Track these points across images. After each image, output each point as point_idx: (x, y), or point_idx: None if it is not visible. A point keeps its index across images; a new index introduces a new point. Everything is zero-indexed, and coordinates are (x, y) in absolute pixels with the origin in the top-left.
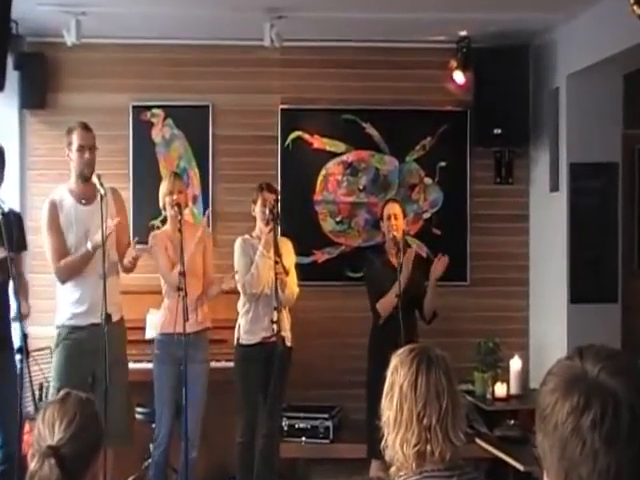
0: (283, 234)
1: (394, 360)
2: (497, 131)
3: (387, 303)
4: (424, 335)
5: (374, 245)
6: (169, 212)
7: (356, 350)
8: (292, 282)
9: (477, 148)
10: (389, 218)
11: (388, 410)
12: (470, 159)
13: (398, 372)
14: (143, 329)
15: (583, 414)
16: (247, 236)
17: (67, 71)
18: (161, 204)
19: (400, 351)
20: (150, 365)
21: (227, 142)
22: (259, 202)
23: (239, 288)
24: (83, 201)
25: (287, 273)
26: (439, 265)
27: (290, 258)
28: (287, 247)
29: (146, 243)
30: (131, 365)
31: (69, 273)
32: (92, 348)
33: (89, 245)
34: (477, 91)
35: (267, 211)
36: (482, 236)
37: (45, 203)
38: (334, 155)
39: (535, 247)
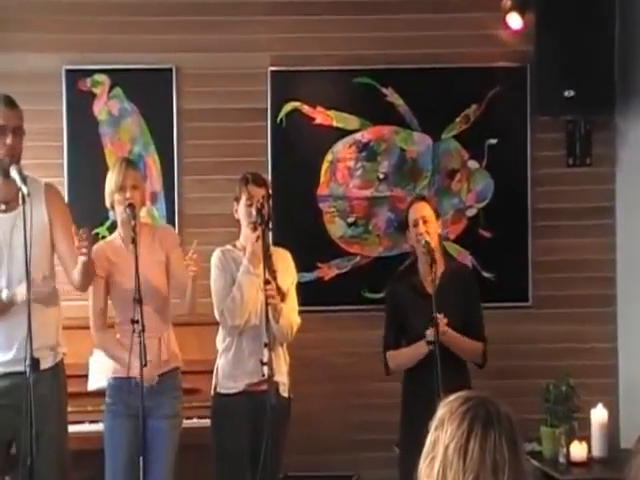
0: (277, 243)
1: (441, 410)
2: (569, 93)
3: (405, 358)
4: (471, 373)
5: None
6: (118, 215)
7: (378, 398)
8: (290, 309)
9: (541, 118)
10: (416, 224)
11: (426, 477)
12: (531, 133)
13: (444, 428)
14: (85, 377)
15: None
16: (228, 247)
17: None
18: (108, 203)
19: (451, 399)
20: (95, 427)
21: (198, 118)
22: (243, 200)
23: (217, 317)
24: (2, 206)
25: (283, 297)
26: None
27: (288, 276)
28: (283, 261)
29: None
30: (70, 428)
31: None
32: (13, 405)
33: (3, 295)
34: (540, 39)
35: (254, 212)
36: (549, 239)
37: None
38: (344, 133)
39: (625, 252)
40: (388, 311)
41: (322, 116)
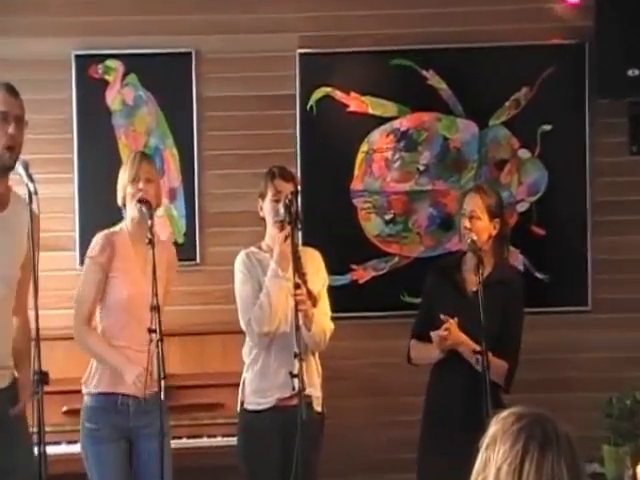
0: (306, 243)
1: (493, 427)
2: (632, 72)
3: (422, 354)
4: (522, 386)
5: (451, 254)
6: (130, 211)
7: (419, 413)
8: (322, 314)
9: (601, 100)
10: (464, 218)
11: None
12: (590, 118)
13: (496, 447)
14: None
15: None
16: (253, 248)
17: None
18: (119, 199)
19: (503, 415)
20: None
21: (220, 107)
22: (269, 196)
23: (242, 326)
24: None
25: (315, 301)
26: (449, 336)
27: (319, 278)
28: (314, 262)
29: None
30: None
31: None
32: None
33: None
34: (601, 13)
35: (281, 209)
36: (610, 236)
37: None
38: (381, 121)
39: None
40: (423, 299)
41: (356, 102)
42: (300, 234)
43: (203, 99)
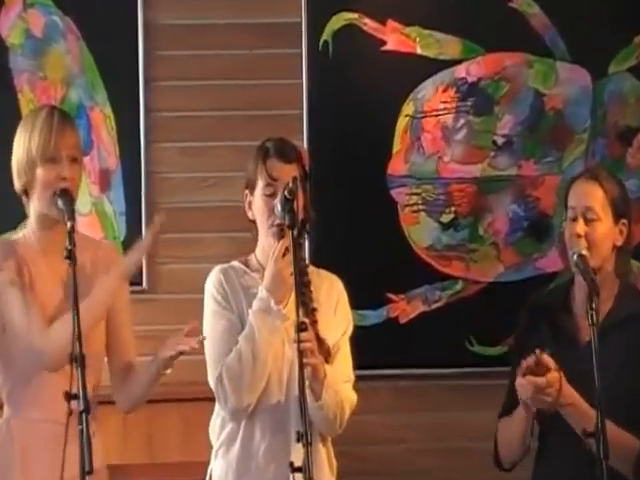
0: (320, 260)
1: None
2: None
3: (509, 429)
4: None
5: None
6: (41, 206)
7: None
8: (341, 375)
9: None
10: (574, 217)
11: None
12: None
13: None
14: None
15: None
16: (236, 263)
17: None
18: (18, 185)
19: None
20: None
21: (181, 42)
22: (260, 185)
23: (212, 386)
24: None
25: (328, 354)
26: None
27: (338, 320)
28: (331, 293)
29: None
30: None
31: None
32: None
33: None
34: None
35: (278, 206)
36: None
37: None
38: (435, 66)
39: None
40: (514, 358)
41: (396, 37)
42: (308, 245)
43: (156, 28)
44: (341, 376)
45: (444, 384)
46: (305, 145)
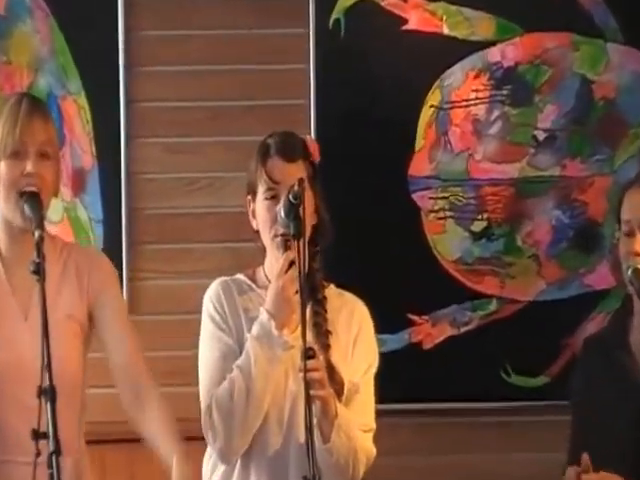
0: (333, 276)
1: None
2: None
3: None
4: None
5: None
6: (5, 210)
7: None
8: (358, 421)
9: None
10: (630, 234)
11: None
12: None
13: None
14: None
15: None
16: (241, 276)
17: None
18: None
19: None
20: None
21: (168, 20)
22: (261, 190)
23: (202, 416)
24: None
25: (341, 389)
26: None
27: (361, 353)
28: (353, 319)
29: None
30: None
31: None
32: None
33: None
34: None
35: (282, 212)
36: None
37: None
38: (466, 49)
39: None
40: (574, 403)
41: (419, 14)
42: (318, 259)
43: (139, 4)
44: (359, 418)
45: (476, 421)
46: (313, 137)
